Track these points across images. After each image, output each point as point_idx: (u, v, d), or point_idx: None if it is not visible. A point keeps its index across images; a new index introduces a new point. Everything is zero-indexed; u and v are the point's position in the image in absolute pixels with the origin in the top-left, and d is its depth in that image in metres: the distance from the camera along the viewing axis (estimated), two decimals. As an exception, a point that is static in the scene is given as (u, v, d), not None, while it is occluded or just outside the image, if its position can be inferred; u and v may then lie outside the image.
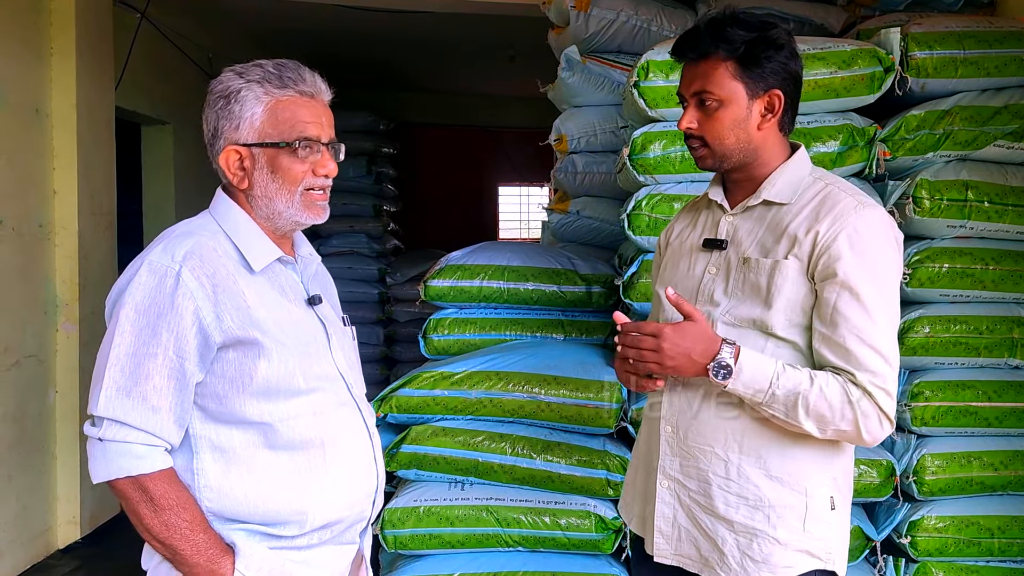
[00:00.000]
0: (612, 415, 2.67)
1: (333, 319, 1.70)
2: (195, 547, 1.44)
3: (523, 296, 2.99)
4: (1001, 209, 2.53)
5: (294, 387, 1.52)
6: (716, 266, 1.72)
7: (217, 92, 1.53)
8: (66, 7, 4.04)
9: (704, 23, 1.64)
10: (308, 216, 1.57)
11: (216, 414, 1.49)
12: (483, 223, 10.00)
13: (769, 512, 1.62)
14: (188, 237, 1.49)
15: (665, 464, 1.73)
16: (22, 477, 3.88)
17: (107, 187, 4.44)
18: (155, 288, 1.43)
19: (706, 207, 1.82)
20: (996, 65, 2.59)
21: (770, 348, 1.61)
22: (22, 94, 3.87)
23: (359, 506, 1.61)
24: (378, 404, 2.74)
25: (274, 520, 1.51)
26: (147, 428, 1.43)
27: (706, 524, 1.67)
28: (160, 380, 1.43)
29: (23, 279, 3.90)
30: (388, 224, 6.94)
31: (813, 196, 1.64)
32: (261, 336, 1.48)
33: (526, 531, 2.63)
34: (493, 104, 9.49)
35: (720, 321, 1.66)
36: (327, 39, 6.85)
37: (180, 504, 1.44)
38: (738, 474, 1.64)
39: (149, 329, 1.43)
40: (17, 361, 3.85)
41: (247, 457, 1.50)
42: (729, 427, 1.64)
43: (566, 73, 3.38)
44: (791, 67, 1.64)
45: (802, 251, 1.59)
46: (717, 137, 1.64)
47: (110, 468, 1.43)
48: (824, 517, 1.63)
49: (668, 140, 2.60)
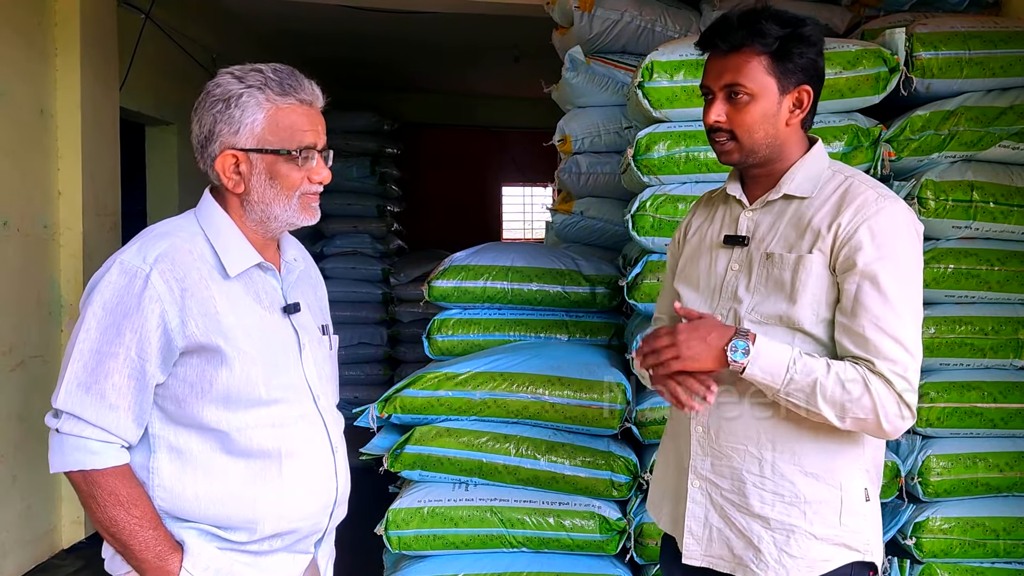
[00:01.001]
0: (616, 416, 2.66)
1: (310, 327, 1.68)
2: (143, 543, 1.47)
3: (527, 297, 2.99)
4: (1007, 210, 2.53)
5: (255, 397, 1.52)
6: (738, 262, 1.71)
7: (215, 95, 1.52)
8: (70, 8, 4.05)
9: (736, 16, 1.63)
10: (303, 218, 1.59)
11: (175, 416, 1.51)
12: (487, 224, 10.00)
13: (805, 508, 1.62)
14: (163, 239, 1.50)
15: (696, 464, 1.73)
16: (27, 477, 3.88)
17: (111, 187, 4.44)
18: (124, 288, 1.45)
19: (723, 202, 1.81)
20: (1001, 65, 2.59)
21: (797, 343, 1.60)
22: (26, 95, 3.87)
23: (314, 518, 1.61)
24: (382, 405, 2.73)
25: (225, 524, 1.52)
26: (103, 425, 1.46)
27: (740, 523, 1.67)
28: (120, 379, 1.45)
29: (27, 279, 3.90)
30: (392, 224, 6.95)
31: (834, 189, 1.64)
32: (224, 344, 1.49)
33: (530, 532, 2.62)
34: (497, 104, 9.49)
35: (746, 319, 1.66)
36: (331, 40, 6.86)
37: (131, 500, 1.47)
38: (773, 471, 1.64)
39: (114, 328, 1.45)
40: (22, 361, 3.85)
41: (203, 461, 1.51)
42: (762, 426, 1.65)
43: (570, 73, 3.38)
44: (820, 64, 1.65)
45: (825, 244, 1.59)
46: (747, 131, 1.63)
47: (65, 460, 1.47)
48: (859, 509, 1.64)
49: (672, 141, 2.59)
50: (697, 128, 2.60)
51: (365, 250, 6.74)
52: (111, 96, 4.43)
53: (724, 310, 1.70)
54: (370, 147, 6.86)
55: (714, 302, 1.73)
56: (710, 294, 1.74)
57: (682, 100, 2.59)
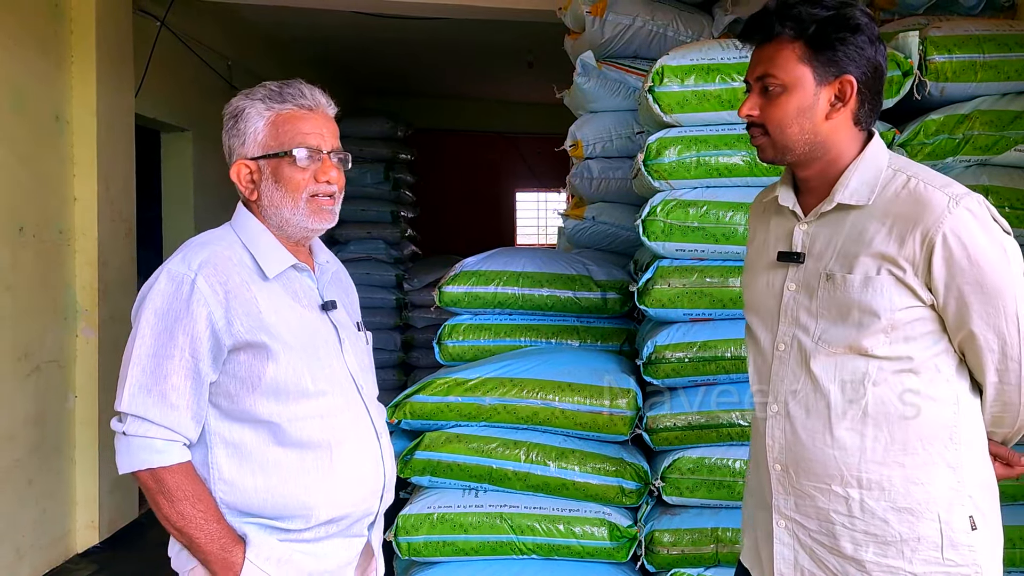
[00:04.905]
0: (627, 422, 2.65)
1: (347, 323, 1.77)
2: (208, 536, 1.55)
3: (538, 302, 2.98)
4: (1022, 215, 2.50)
5: (302, 388, 1.61)
6: (795, 282, 1.58)
7: (227, 114, 1.66)
8: (86, 15, 4.08)
9: (774, 2, 1.51)
10: (315, 221, 1.65)
11: (229, 412, 1.60)
12: (501, 229, 10.02)
13: (902, 547, 1.50)
14: (204, 247, 1.61)
15: (779, 503, 1.61)
16: (42, 481, 3.91)
17: (126, 193, 4.47)
18: (172, 294, 1.55)
19: (776, 212, 1.67)
20: (1016, 69, 2.56)
21: (873, 370, 1.50)
22: (42, 101, 3.91)
23: (365, 503, 1.69)
24: (392, 410, 2.74)
25: (281, 514, 1.60)
26: (166, 424, 1.54)
27: (833, 566, 1.55)
28: (177, 379, 1.54)
29: (43, 285, 3.93)
30: (405, 230, 6.96)
31: (896, 194, 1.49)
32: (269, 340, 1.58)
33: (540, 539, 2.61)
34: (511, 110, 9.51)
35: (815, 353, 1.54)
36: (345, 46, 6.89)
37: (195, 496, 1.55)
38: (861, 510, 1.51)
39: (167, 332, 1.54)
40: (37, 366, 3.88)
41: (257, 454, 1.60)
42: (844, 461, 1.52)
43: (582, 78, 3.37)
44: (868, 53, 1.49)
45: (898, 264, 1.46)
46: (778, 125, 1.51)
47: (132, 461, 1.55)
48: (964, 541, 1.49)
49: (683, 145, 2.58)
50: (708, 132, 2.59)
51: (379, 255, 6.74)
52: (126, 103, 4.46)
53: (787, 337, 1.59)
54: (384, 153, 6.87)
55: (777, 328, 1.61)
56: (772, 319, 1.62)
57: (693, 104, 2.58)
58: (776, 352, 1.62)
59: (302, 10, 5.28)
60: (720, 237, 2.57)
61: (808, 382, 1.56)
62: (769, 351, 1.64)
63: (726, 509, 2.61)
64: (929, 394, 1.50)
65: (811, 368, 1.55)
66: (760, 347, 1.67)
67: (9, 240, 3.69)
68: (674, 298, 2.61)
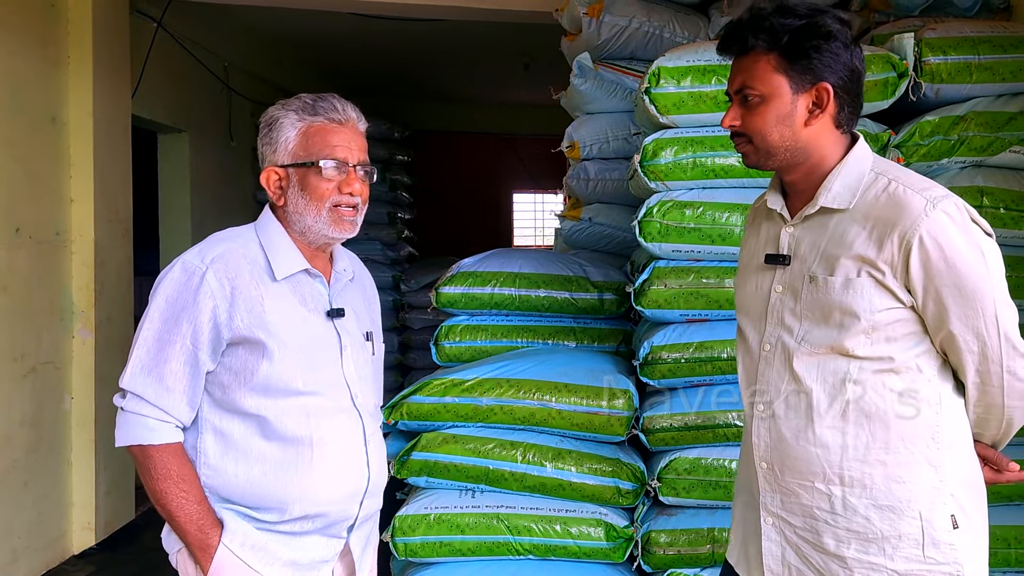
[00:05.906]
0: (623, 423, 2.66)
1: (354, 332, 1.81)
2: (188, 516, 1.64)
3: (534, 303, 2.99)
4: (1017, 216, 2.51)
5: (292, 388, 1.67)
6: (782, 284, 1.62)
7: (263, 122, 1.74)
8: (83, 16, 4.08)
9: (747, 15, 1.55)
10: (335, 230, 1.72)
11: (221, 401, 1.68)
12: (498, 230, 10.02)
13: (884, 544, 1.52)
14: (221, 243, 1.70)
15: (766, 500, 1.65)
16: (38, 483, 3.90)
17: (123, 195, 4.47)
18: (183, 284, 1.64)
19: (766, 216, 1.71)
20: (1012, 70, 2.57)
21: (854, 370, 1.52)
22: (39, 102, 3.90)
23: (342, 504, 1.73)
24: (389, 411, 2.74)
25: (257, 505, 1.67)
26: (160, 405, 1.63)
27: (817, 562, 1.58)
28: (176, 365, 1.63)
29: (40, 286, 3.93)
30: (403, 231, 6.95)
31: (876, 197, 1.51)
32: (266, 338, 1.65)
33: (537, 539, 2.62)
34: (508, 111, 9.51)
35: (797, 353, 1.57)
36: (341, 48, 6.89)
37: (180, 476, 1.64)
38: (844, 507, 1.54)
39: (173, 319, 1.63)
40: (33, 367, 3.88)
41: (242, 444, 1.67)
42: (826, 459, 1.55)
43: (578, 80, 3.38)
44: (843, 58, 1.52)
45: (877, 267, 1.48)
46: (760, 133, 1.55)
47: (126, 435, 1.65)
48: (945, 539, 1.51)
49: (679, 147, 2.59)
50: (704, 134, 2.59)
51: (376, 257, 6.73)
52: (123, 104, 4.46)
53: (772, 338, 1.62)
54: (381, 154, 6.86)
55: (763, 329, 1.64)
56: (759, 321, 1.65)
57: (689, 106, 2.58)
58: (762, 352, 1.65)
59: (299, 12, 5.28)
60: (716, 238, 2.57)
61: (792, 382, 1.59)
62: (756, 352, 1.67)
63: (722, 509, 2.62)
64: (911, 394, 1.52)
65: (794, 368, 1.58)
66: (749, 348, 1.70)
67: (5, 241, 3.68)
68: (670, 299, 2.62)
